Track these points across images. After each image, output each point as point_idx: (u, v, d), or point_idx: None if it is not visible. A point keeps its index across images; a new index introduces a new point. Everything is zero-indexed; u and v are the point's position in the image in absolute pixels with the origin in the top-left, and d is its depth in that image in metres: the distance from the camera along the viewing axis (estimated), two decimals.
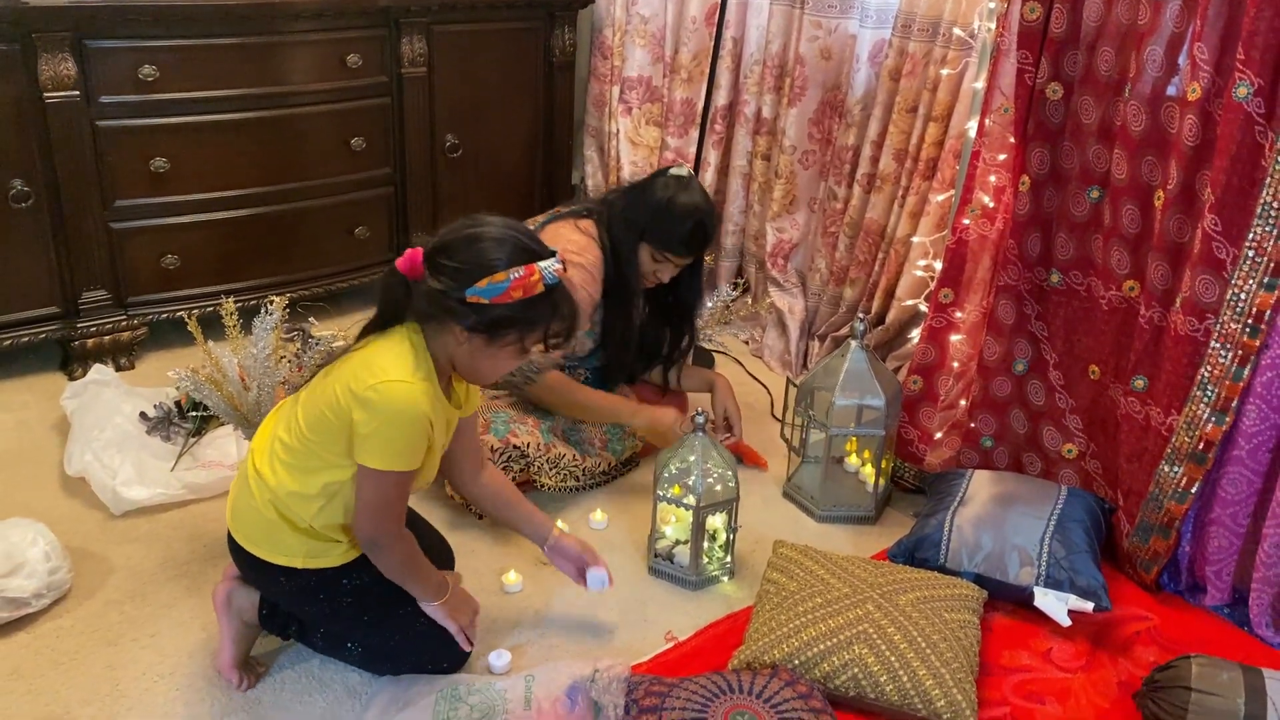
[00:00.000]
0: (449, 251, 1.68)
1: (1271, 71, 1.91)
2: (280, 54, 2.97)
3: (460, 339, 1.72)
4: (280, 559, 1.82)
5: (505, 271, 1.65)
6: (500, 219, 1.73)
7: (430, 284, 1.69)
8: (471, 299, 1.66)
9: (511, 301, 1.67)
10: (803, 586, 2.10)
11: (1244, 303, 2.01)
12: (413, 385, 1.68)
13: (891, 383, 2.48)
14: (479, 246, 1.68)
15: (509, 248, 1.68)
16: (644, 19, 3.50)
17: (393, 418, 1.67)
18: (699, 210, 2.42)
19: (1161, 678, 1.92)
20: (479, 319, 1.68)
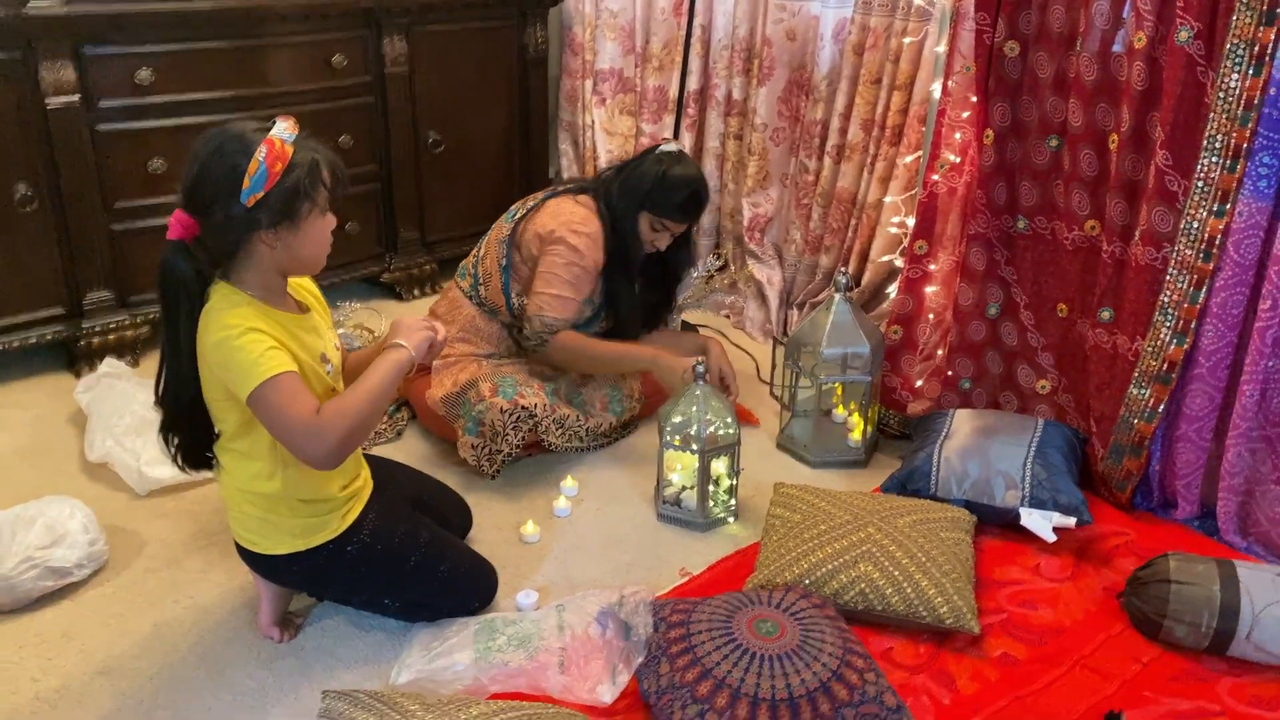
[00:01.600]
0: (199, 187, 1.68)
1: (1209, 16, 2.09)
2: (269, 56, 3.08)
3: (270, 243, 1.72)
4: (282, 548, 1.89)
5: (254, 159, 1.65)
6: (204, 134, 1.71)
7: (210, 224, 1.70)
8: (250, 200, 1.66)
9: (280, 177, 1.67)
10: (806, 518, 2.24)
11: (1196, 230, 2.19)
12: (236, 312, 1.71)
13: (874, 332, 2.63)
14: (217, 161, 1.67)
15: (238, 141, 1.67)
16: (613, 13, 3.65)
17: (225, 342, 1.69)
18: (694, 180, 2.60)
19: (1143, 574, 2.08)
20: (269, 211, 1.68)
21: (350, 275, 3.42)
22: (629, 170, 2.66)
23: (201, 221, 1.71)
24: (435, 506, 2.20)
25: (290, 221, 1.72)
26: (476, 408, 2.45)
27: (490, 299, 2.68)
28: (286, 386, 1.69)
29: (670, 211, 2.60)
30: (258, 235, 1.71)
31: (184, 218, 1.71)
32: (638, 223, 2.62)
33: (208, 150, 1.68)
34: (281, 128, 1.69)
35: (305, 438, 1.69)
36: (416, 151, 3.49)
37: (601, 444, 2.70)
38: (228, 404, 1.80)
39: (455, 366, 2.61)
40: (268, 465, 1.84)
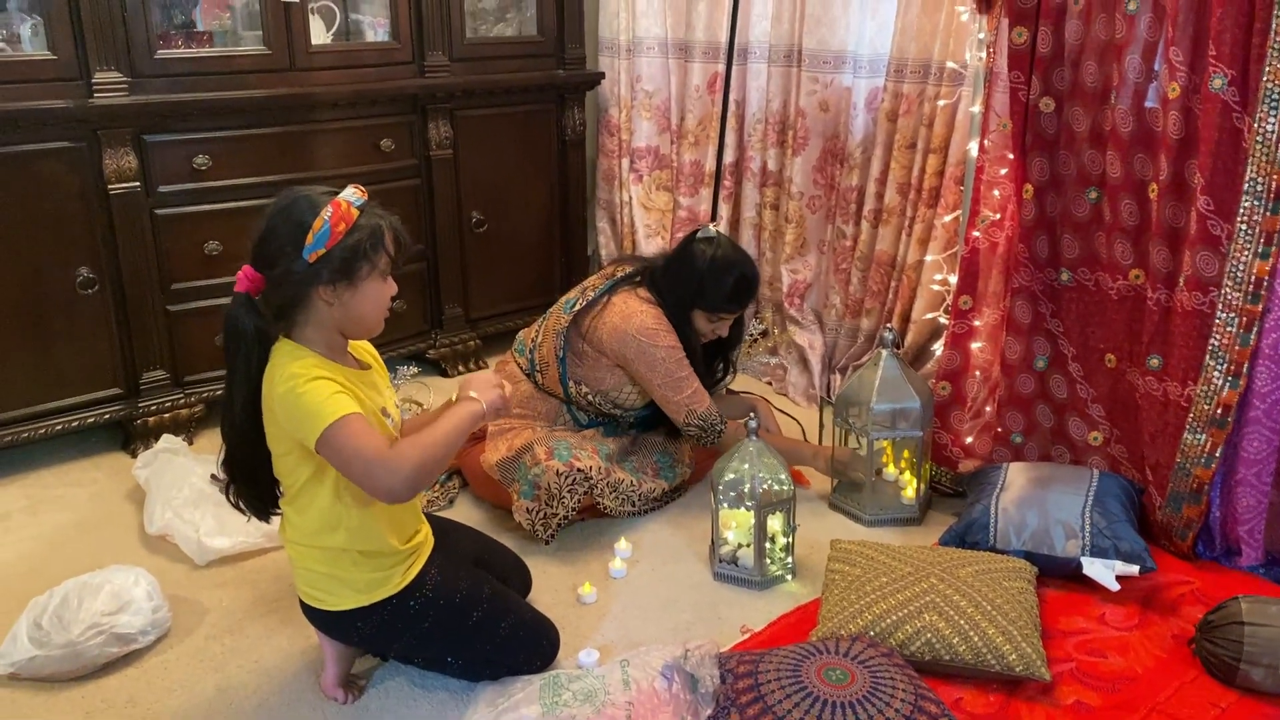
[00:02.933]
0: (266, 242, 1.77)
1: (1241, 63, 2.14)
2: (320, 140, 3.19)
3: (329, 299, 1.79)
4: (347, 604, 1.91)
5: (319, 217, 1.73)
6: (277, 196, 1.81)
7: (273, 276, 1.77)
8: (312, 257, 1.74)
9: (342, 237, 1.75)
10: (866, 571, 2.22)
11: (1243, 272, 2.20)
12: (292, 363, 1.77)
13: (924, 387, 2.65)
14: (285, 217, 1.76)
15: (307, 201, 1.76)
16: (649, 93, 3.77)
17: (291, 390, 1.74)
18: (736, 265, 2.65)
19: (1215, 618, 2.05)
20: (329, 269, 1.75)
21: (397, 351, 3.48)
22: (674, 268, 2.69)
23: (266, 275, 1.78)
24: (495, 566, 2.20)
25: (348, 281, 1.78)
26: (532, 471, 2.47)
27: (548, 385, 2.73)
28: (355, 425, 1.73)
29: (721, 303, 2.66)
30: (316, 291, 1.78)
31: (250, 272, 1.78)
32: (692, 321, 2.68)
33: (278, 207, 1.78)
34: (350, 192, 1.79)
35: (379, 467, 1.71)
36: (460, 231, 3.57)
37: (654, 508, 2.71)
38: (292, 458, 1.83)
39: (510, 433, 2.64)
40: (330, 518, 1.87)
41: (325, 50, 3.21)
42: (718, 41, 3.58)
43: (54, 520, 2.67)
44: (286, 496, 1.91)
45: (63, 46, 2.71)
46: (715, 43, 3.59)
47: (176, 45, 3.00)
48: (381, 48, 3.34)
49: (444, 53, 3.40)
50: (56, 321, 2.86)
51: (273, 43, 3.05)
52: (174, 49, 2.96)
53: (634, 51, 3.80)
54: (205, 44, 3.08)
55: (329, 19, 3.31)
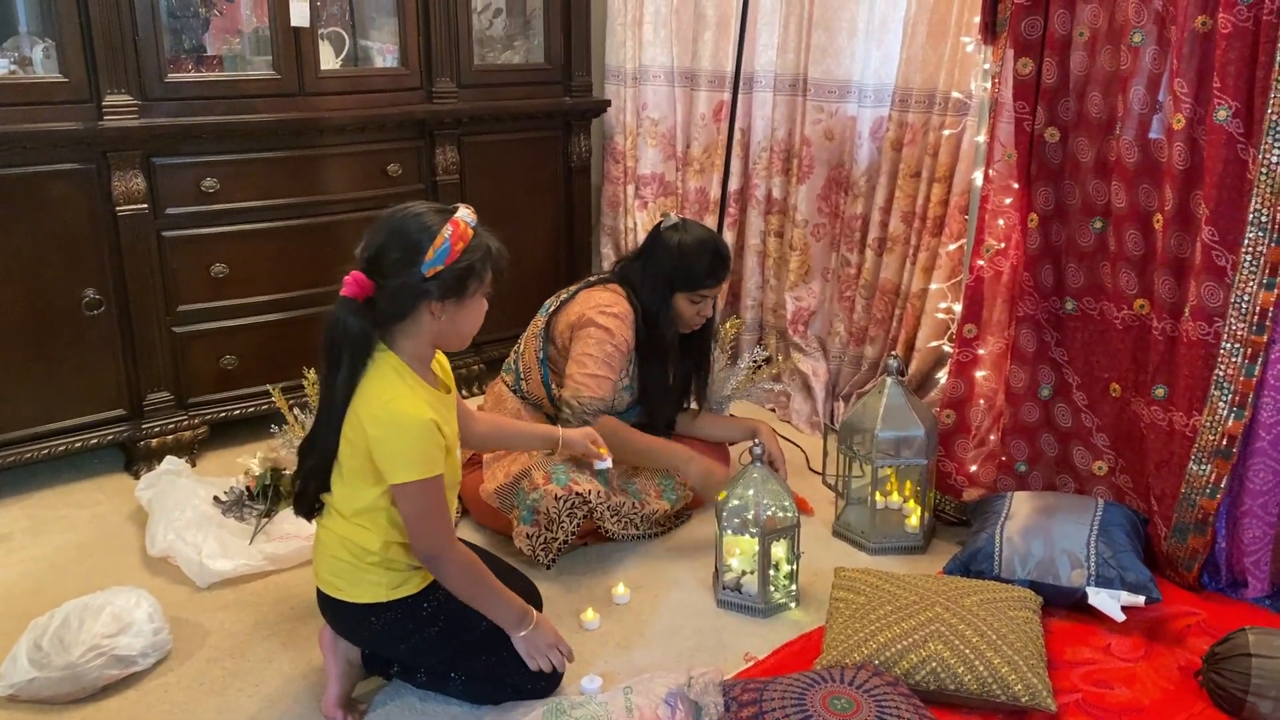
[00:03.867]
0: (385, 251, 1.82)
1: (1246, 95, 2.15)
2: (328, 165, 3.20)
3: (436, 313, 1.85)
4: (365, 597, 1.93)
5: (440, 234, 1.80)
6: (390, 210, 1.88)
7: (387, 287, 1.82)
8: (430, 272, 1.80)
9: (459, 255, 1.82)
10: (871, 599, 2.21)
11: (1248, 303, 2.21)
12: (412, 396, 1.84)
13: (928, 415, 2.64)
14: (406, 231, 1.82)
15: (427, 216, 1.83)
16: (654, 121, 3.79)
17: (404, 430, 1.81)
18: (708, 241, 2.65)
19: (1221, 650, 2.04)
20: (443, 285, 1.82)
21: None
22: (645, 259, 2.70)
23: (379, 284, 1.82)
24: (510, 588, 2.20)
25: (457, 297, 1.86)
26: (531, 496, 2.47)
27: (532, 392, 2.73)
28: (438, 492, 1.87)
29: (701, 280, 2.64)
30: (427, 304, 1.84)
31: (362, 279, 1.82)
32: (674, 305, 2.66)
33: (396, 221, 1.84)
34: (465, 213, 1.86)
35: (430, 545, 1.87)
36: None
37: (657, 532, 2.70)
38: (365, 472, 1.87)
39: (506, 459, 2.63)
40: (375, 530, 1.91)
41: (334, 75, 3.24)
42: (723, 70, 3.60)
43: (56, 541, 2.67)
44: (341, 501, 1.92)
45: (74, 69, 2.73)
46: (721, 72, 3.62)
47: (186, 69, 3.02)
48: (390, 73, 3.37)
49: (452, 79, 3.42)
50: (62, 342, 2.86)
51: (282, 67, 3.07)
52: (184, 73, 2.99)
53: (640, 79, 3.83)
54: (215, 68, 3.10)
55: (338, 45, 3.34)
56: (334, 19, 3.39)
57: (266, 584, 2.47)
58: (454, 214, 1.83)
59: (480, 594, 1.95)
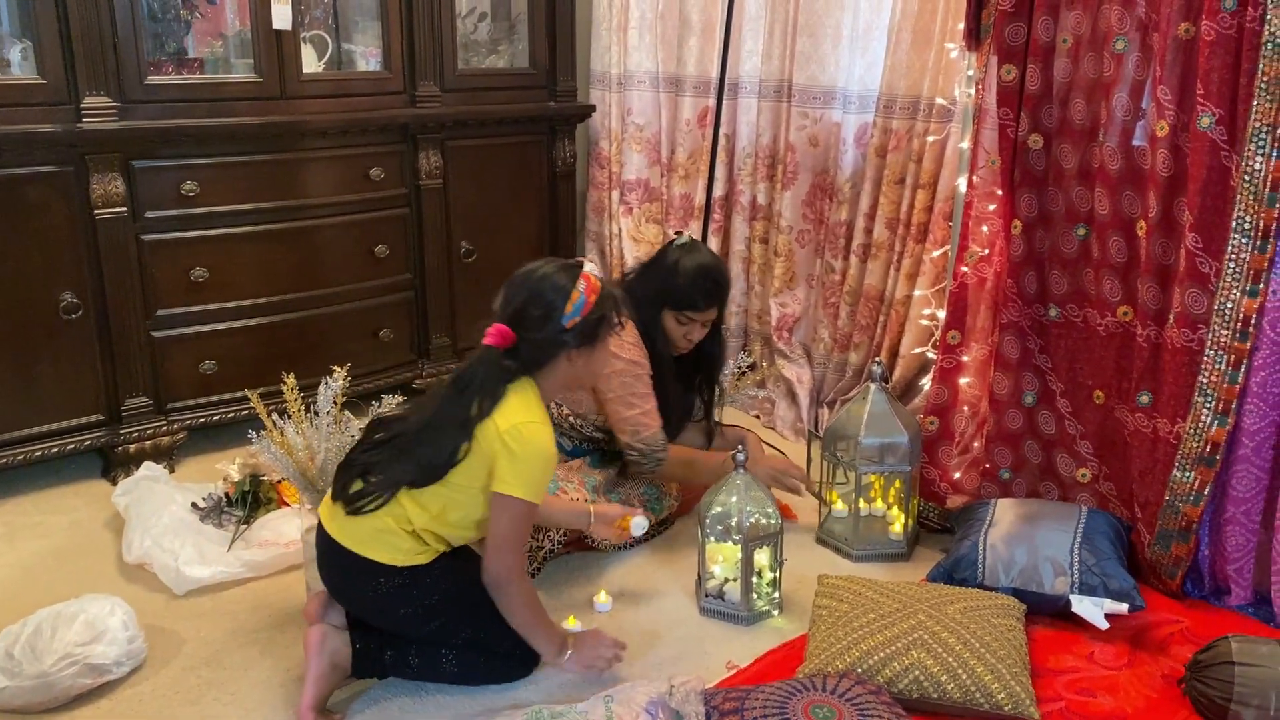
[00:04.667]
0: (527, 308, 2.02)
1: (1229, 102, 2.16)
2: (310, 169, 3.18)
3: (573, 359, 2.06)
4: (384, 558, 1.99)
5: (575, 289, 2.01)
6: (523, 271, 2.07)
7: (530, 339, 2.01)
8: (569, 324, 2.01)
9: (593, 306, 2.03)
10: (854, 607, 2.20)
11: (1231, 311, 2.21)
12: (545, 426, 2.02)
13: (912, 422, 2.63)
14: (545, 288, 2.03)
15: (561, 273, 2.04)
16: (639, 126, 3.78)
17: (536, 455, 1.98)
18: (707, 265, 2.62)
19: (1204, 657, 2.03)
20: (580, 334, 2.04)
21: (383, 380, 3.45)
22: (647, 272, 2.68)
23: (522, 335, 2.01)
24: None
25: (591, 345, 2.08)
26: None
27: None
28: (531, 518, 2.03)
29: (691, 301, 2.60)
30: (566, 353, 2.05)
31: (505, 331, 2.01)
32: (662, 323, 2.63)
33: (534, 280, 2.03)
34: (591, 267, 2.08)
35: (503, 567, 1.99)
36: (449, 261, 3.56)
37: (640, 541, 2.68)
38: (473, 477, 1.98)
39: None
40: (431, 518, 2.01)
41: (317, 79, 3.22)
42: (708, 76, 3.60)
43: (31, 548, 2.63)
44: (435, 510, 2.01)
45: (52, 71, 2.70)
46: (706, 77, 3.61)
47: (167, 72, 3.00)
48: (373, 77, 3.35)
49: (435, 83, 3.40)
50: (39, 346, 2.83)
51: (264, 70, 3.04)
52: (164, 75, 2.96)
53: (625, 85, 3.82)
54: (196, 71, 3.08)
55: (321, 48, 3.32)
56: (317, 22, 3.37)
57: (244, 591, 2.44)
58: (582, 269, 2.05)
59: (533, 624, 2.06)
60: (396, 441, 2.04)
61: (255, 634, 2.27)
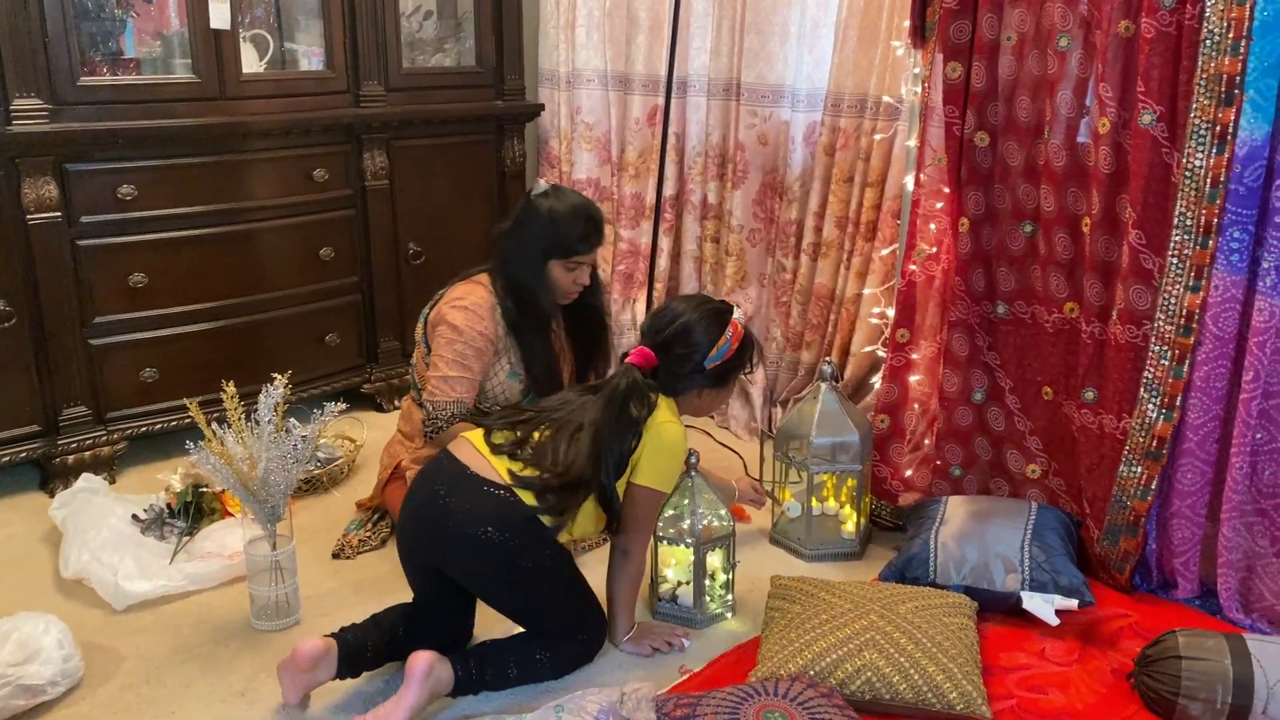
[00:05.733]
0: (675, 343, 2.16)
1: (1170, 99, 2.17)
2: (251, 170, 3.12)
3: (702, 393, 2.22)
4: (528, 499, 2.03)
5: (723, 336, 2.16)
6: (681, 301, 2.22)
7: (670, 368, 2.17)
8: (710, 366, 2.16)
9: (734, 353, 2.19)
10: (806, 608, 2.19)
11: (1174, 306, 2.22)
12: (680, 425, 2.16)
13: (863, 420, 2.63)
14: (695, 331, 2.16)
15: (715, 318, 2.18)
16: (589, 125, 3.75)
17: (676, 454, 2.16)
18: (581, 204, 2.52)
19: (1152, 652, 2.04)
20: (716, 375, 2.19)
21: (331, 386, 3.39)
22: (517, 230, 2.54)
23: (663, 360, 2.17)
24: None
25: (722, 386, 2.24)
26: None
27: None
28: (660, 503, 2.22)
29: (575, 245, 2.49)
30: (698, 389, 2.20)
31: (649, 354, 2.17)
32: (548, 275, 2.51)
33: (693, 311, 2.17)
34: (739, 314, 2.22)
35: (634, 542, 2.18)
36: (397, 263, 3.51)
37: (590, 547, 2.65)
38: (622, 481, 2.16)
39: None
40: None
41: (258, 79, 3.15)
42: (657, 74, 3.57)
43: None
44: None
45: None
46: (655, 76, 3.59)
47: (101, 72, 2.92)
48: (316, 77, 3.29)
49: (380, 82, 3.35)
50: None
51: (202, 71, 2.98)
52: (99, 76, 2.88)
53: (574, 83, 3.79)
54: (133, 71, 3.01)
55: (262, 47, 3.25)
56: (258, 21, 3.30)
57: (186, 605, 2.39)
58: (732, 315, 2.19)
59: (630, 599, 2.23)
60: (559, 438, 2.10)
61: (197, 649, 2.22)
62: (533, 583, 2.08)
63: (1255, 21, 2.02)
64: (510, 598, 2.12)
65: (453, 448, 2.15)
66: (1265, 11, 2.01)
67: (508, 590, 2.10)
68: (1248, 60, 2.04)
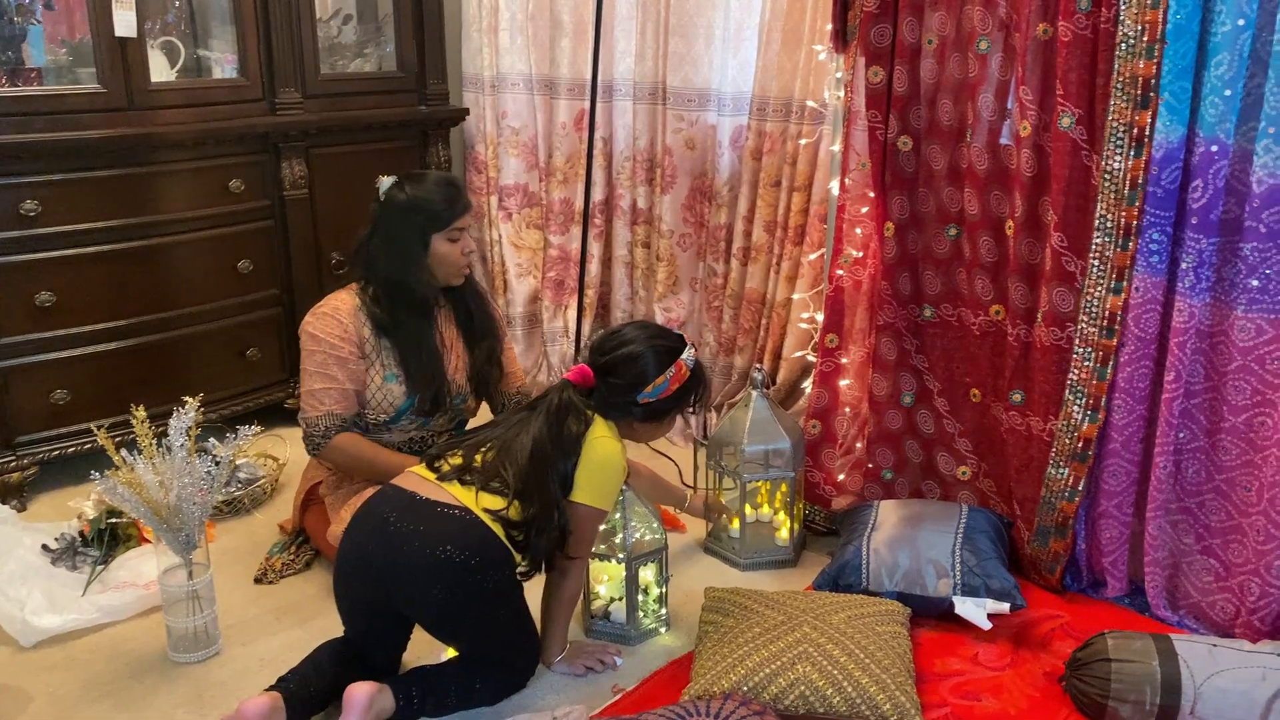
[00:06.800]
0: (616, 370, 2.11)
1: (1088, 102, 2.18)
2: (163, 183, 3.01)
3: (634, 426, 2.17)
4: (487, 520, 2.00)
5: (662, 375, 2.10)
6: (636, 328, 2.17)
7: (605, 395, 2.11)
8: (643, 402, 2.11)
9: (671, 393, 2.13)
10: (739, 621, 2.17)
11: (1097, 308, 2.24)
12: (619, 443, 2.12)
13: (794, 427, 2.62)
14: (638, 364, 2.10)
15: (659, 356, 2.11)
16: (515, 130, 3.69)
17: (615, 470, 2.10)
18: (439, 178, 2.47)
19: (1082, 655, 2.05)
20: (648, 411, 2.14)
21: (252, 402, 3.30)
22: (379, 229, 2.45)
23: (600, 384, 2.12)
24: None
25: (656, 422, 2.19)
26: None
27: None
28: (598, 527, 2.16)
29: (449, 214, 2.41)
30: (631, 419, 2.15)
31: (588, 374, 2.13)
32: (435, 254, 2.42)
33: (643, 343, 2.12)
34: (690, 354, 2.16)
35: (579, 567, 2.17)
36: (320, 274, 3.42)
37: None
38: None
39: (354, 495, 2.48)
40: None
41: (168, 88, 3.05)
42: (582, 78, 3.53)
43: None
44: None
45: None
46: (580, 79, 3.54)
47: (1, 83, 2.80)
48: (230, 85, 3.20)
49: (297, 89, 3.26)
50: None
51: (108, 80, 2.87)
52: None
53: (499, 87, 3.73)
54: (34, 82, 2.89)
55: (173, 55, 3.15)
56: (168, 28, 3.20)
57: (100, 639, 2.29)
58: (681, 355, 2.13)
59: (567, 615, 2.19)
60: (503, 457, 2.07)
61: (111, 686, 2.13)
62: (490, 604, 2.02)
63: (1168, 25, 2.03)
64: (462, 621, 2.03)
65: (397, 481, 2.10)
66: (1178, 14, 2.02)
67: (462, 614, 2.01)
68: (1162, 63, 2.05)
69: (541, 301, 3.75)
